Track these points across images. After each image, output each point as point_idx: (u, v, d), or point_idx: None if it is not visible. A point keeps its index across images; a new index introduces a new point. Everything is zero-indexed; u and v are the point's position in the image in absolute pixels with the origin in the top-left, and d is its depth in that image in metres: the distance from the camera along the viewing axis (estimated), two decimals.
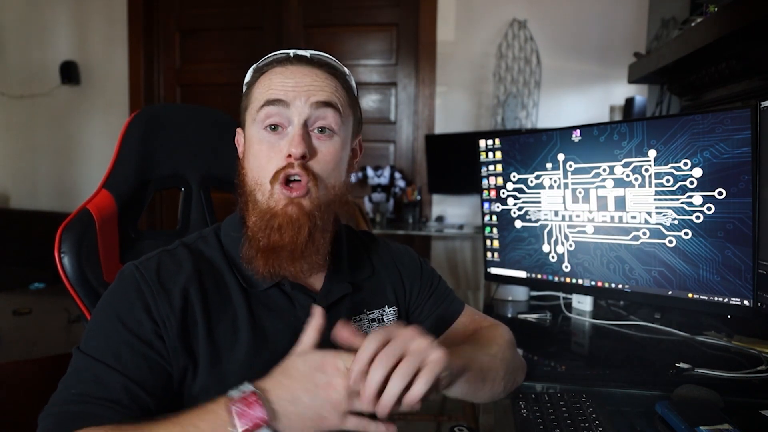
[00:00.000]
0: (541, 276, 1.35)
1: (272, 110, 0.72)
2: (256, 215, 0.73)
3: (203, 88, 3.43)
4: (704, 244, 1.06)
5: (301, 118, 0.72)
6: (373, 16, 3.22)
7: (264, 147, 0.73)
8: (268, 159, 0.72)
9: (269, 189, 0.72)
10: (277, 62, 0.76)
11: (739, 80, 1.46)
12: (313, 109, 0.72)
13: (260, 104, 0.73)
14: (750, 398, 0.89)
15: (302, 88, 0.72)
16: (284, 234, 0.70)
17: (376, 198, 3.00)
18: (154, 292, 0.68)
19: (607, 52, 2.86)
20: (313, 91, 0.73)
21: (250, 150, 0.75)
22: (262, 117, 0.73)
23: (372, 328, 0.82)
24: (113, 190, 0.95)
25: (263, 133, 0.73)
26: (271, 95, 0.72)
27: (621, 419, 0.83)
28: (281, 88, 0.72)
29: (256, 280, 0.74)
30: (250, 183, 0.75)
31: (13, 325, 1.86)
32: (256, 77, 0.77)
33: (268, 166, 0.72)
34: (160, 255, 0.73)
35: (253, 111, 0.74)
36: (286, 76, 0.73)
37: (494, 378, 0.77)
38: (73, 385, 0.63)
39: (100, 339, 0.66)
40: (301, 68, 0.74)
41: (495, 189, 1.42)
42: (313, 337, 0.62)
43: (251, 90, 0.77)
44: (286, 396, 0.58)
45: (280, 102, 0.72)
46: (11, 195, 3.64)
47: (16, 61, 3.52)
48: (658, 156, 1.11)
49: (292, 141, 0.71)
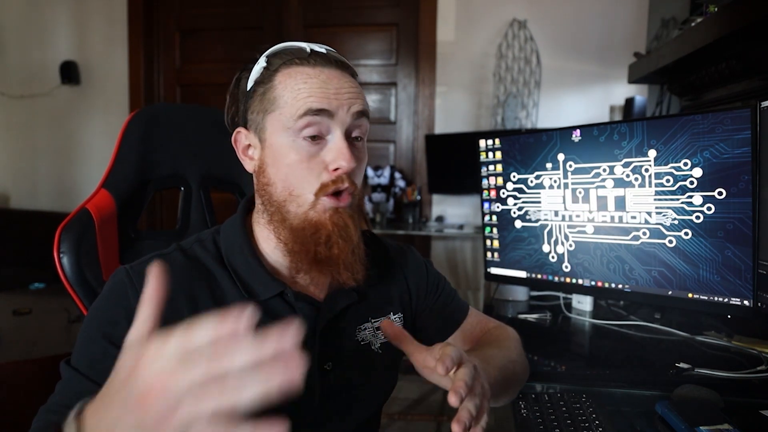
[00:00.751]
0: (541, 276, 1.35)
1: (314, 120, 0.67)
2: (288, 228, 0.70)
3: (203, 88, 3.43)
4: (704, 244, 1.06)
5: (344, 127, 0.69)
6: (373, 16, 3.22)
7: (303, 158, 0.68)
8: (309, 170, 0.68)
9: (311, 200, 0.69)
10: (300, 59, 0.70)
11: (739, 80, 1.46)
12: (353, 119, 0.69)
13: (300, 112, 0.67)
14: (750, 398, 0.90)
15: (343, 96, 0.69)
16: (333, 246, 0.69)
17: (376, 198, 3.00)
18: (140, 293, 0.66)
19: (607, 52, 2.86)
20: (353, 100, 0.69)
21: (281, 159, 0.69)
22: (301, 125, 0.67)
23: (377, 336, 0.81)
24: (113, 189, 0.94)
25: (302, 142, 0.68)
26: (314, 104, 0.67)
27: (621, 419, 0.83)
28: (323, 95, 0.67)
29: (257, 290, 0.72)
30: (279, 193, 0.70)
31: (13, 325, 1.86)
32: (271, 75, 0.71)
33: (309, 178, 0.68)
34: (152, 259, 0.71)
35: (287, 117, 0.68)
36: (324, 81, 0.68)
37: (515, 384, 0.78)
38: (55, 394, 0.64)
39: (80, 348, 0.66)
40: (333, 72, 0.70)
41: (495, 189, 1.42)
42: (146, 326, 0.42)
43: (274, 91, 0.70)
44: (102, 424, 0.41)
45: (324, 112, 0.67)
46: (11, 195, 3.64)
47: (16, 61, 3.52)
48: (658, 156, 1.11)
49: (341, 153, 0.67)
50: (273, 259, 0.75)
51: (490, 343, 0.83)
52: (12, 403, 1.46)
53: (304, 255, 0.70)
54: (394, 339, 0.63)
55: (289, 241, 0.70)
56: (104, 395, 0.42)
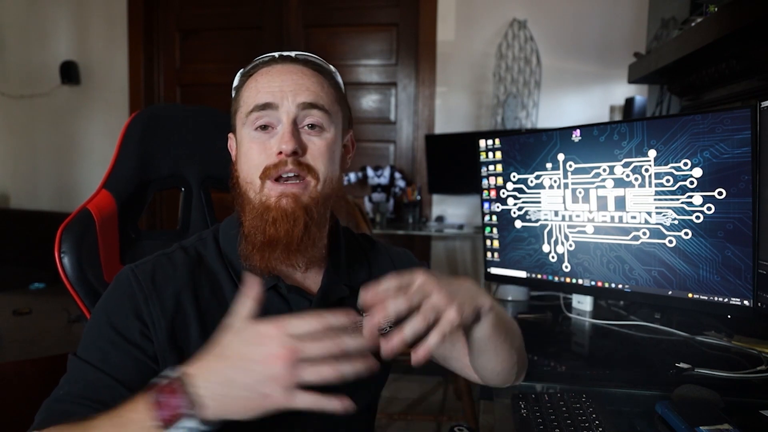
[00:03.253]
0: (541, 276, 1.35)
1: (262, 113, 0.73)
2: (249, 213, 0.74)
3: (203, 88, 3.43)
4: (704, 244, 1.06)
5: (289, 117, 0.73)
6: (373, 16, 3.22)
7: (254, 146, 0.74)
8: (258, 156, 0.73)
9: (259, 184, 0.73)
10: (263, 64, 0.77)
11: (739, 80, 1.46)
12: (300, 109, 0.73)
13: (249, 109, 0.74)
14: (750, 398, 0.90)
15: (288, 88, 0.73)
16: (279, 227, 0.71)
17: (376, 198, 3.00)
18: (146, 294, 0.69)
19: (607, 52, 2.85)
20: (299, 91, 0.74)
21: (241, 150, 0.76)
22: (252, 120, 0.74)
23: None
24: (113, 190, 0.95)
25: (253, 133, 0.74)
26: (259, 99, 0.73)
27: (621, 419, 0.83)
28: (268, 90, 0.73)
29: None
30: (242, 183, 0.76)
31: (13, 325, 1.86)
32: (244, 81, 0.78)
33: (258, 163, 0.73)
34: (156, 258, 0.74)
35: (243, 115, 0.75)
36: (272, 76, 0.75)
37: (512, 338, 0.77)
38: (63, 386, 0.65)
39: (89, 341, 0.68)
40: (286, 67, 0.76)
41: (495, 189, 1.42)
42: (249, 308, 0.55)
43: (240, 94, 0.78)
44: (217, 379, 0.52)
45: (268, 105, 0.73)
46: (11, 195, 3.64)
47: (16, 61, 3.52)
48: (658, 156, 1.11)
49: (282, 138, 0.72)
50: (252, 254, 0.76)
51: None
52: (12, 403, 1.46)
53: (252, 237, 0.73)
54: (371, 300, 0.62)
55: (249, 225, 0.74)
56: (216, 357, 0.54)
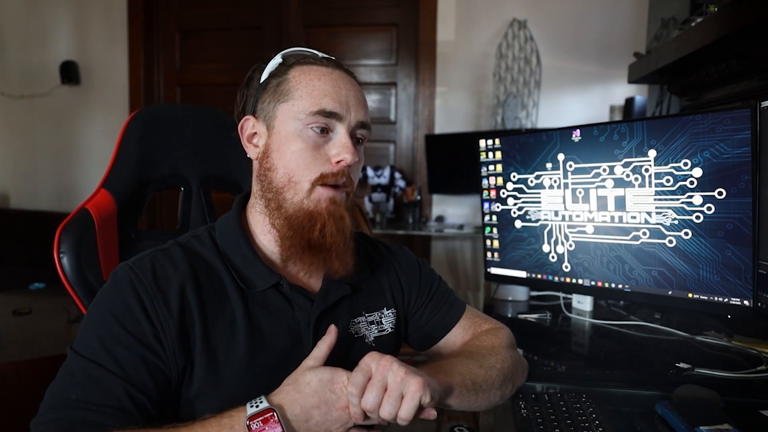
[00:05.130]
0: (541, 276, 1.35)
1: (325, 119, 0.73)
2: (282, 215, 0.73)
3: (203, 88, 3.43)
4: (704, 244, 1.06)
5: (349, 128, 0.74)
6: (373, 16, 3.22)
7: (309, 146, 0.72)
8: (313, 159, 0.72)
9: (308, 188, 0.72)
10: (315, 61, 0.76)
11: (739, 80, 1.46)
12: (357, 126, 0.75)
13: (314, 109, 0.72)
14: (750, 398, 0.89)
15: (352, 102, 0.75)
16: (327, 234, 0.72)
17: (376, 198, 3.00)
18: (151, 294, 0.66)
19: (607, 52, 2.85)
20: (360, 108, 0.76)
21: (288, 146, 0.73)
22: (313, 120, 0.72)
23: (370, 330, 0.82)
24: (113, 189, 0.95)
25: (309, 132, 0.73)
26: (326, 105, 0.72)
27: (621, 419, 0.83)
28: (335, 98, 0.73)
29: (253, 281, 0.73)
30: (279, 179, 0.73)
31: (13, 325, 1.85)
32: (285, 70, 0.76)
33: (312, 167, 0.72)
34: (153, 255, 0.72)
35: (299, 110, 0.73)
36: (336, 82, 0.74)
37: (489, 389, 0.77)
38: (71, 390, 0.61)
39: (96, 341, 0.64)
40: (344, 76, 0.76)
41: (495, 189, 1.42)
42: (325, 352, 0.66)
43: (288, 83, 0.74)
44: (300, 413, 0.61)
45: (335, 115, 0.73)
46: (11, 195, 3.64)
47: (16, 61, 3.52)
48: (658, 156, 1.11)
49: (345, 147, 0.73)
50: (269, 250, 0.77)
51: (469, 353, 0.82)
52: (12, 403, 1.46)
53: (297, 241, 0.72)
54: None
55: (283, 228, 0.73)
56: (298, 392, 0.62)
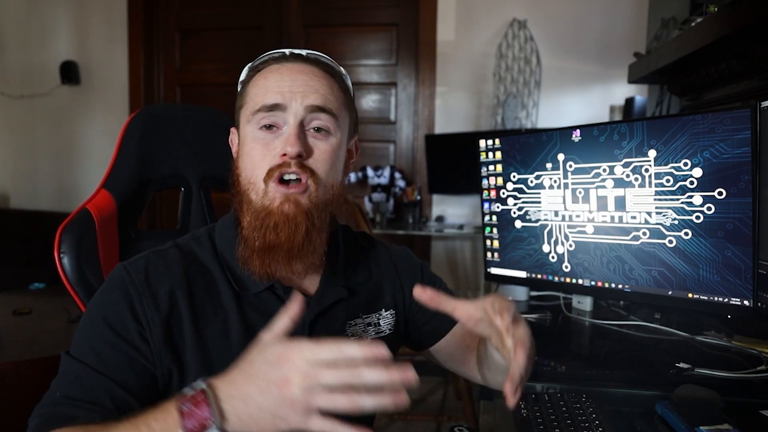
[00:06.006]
0: (541, 276, 1.35)
1: (269, 114, 0.72)
2: (250, 215, 0.72)
3: (203, 88, 3.43)
4: (704, 244, 1.06)
5: (296, 118, 0.71)
6: (373, 16, 3.22)
7: (258, 145, 0.72)
8: (262, 157, 0.72)
9: (263, 188, 0.71)
10: (273, 60, 0.75)
11: (739, 80, 1.46)
12: (308, 111, 0.72)
13: (256, 107, 0.72)
14: (750, 398, 0.89)
15: (298, 89, 0.72)
16: (280, 233, 0.70)
17: (376, 198, 3.00)
18: (140, 292, 0.67)
19: (607, 52, 2.85)
20: (309, 93, 0.72)
21: (243, 149, 0.75)
22: (258, 119, 0.72)
23: (367, 332, 0.81)
24: (113, 190, 0.95)
25: (258, 132, 0.73)
26: (267, 99, 0.72)
27: (621, 419, 0.83)
28: (277, 90, 0.72)
29: (248, 283, 0.73)
30: (243, 182, 0.74)
31: (13, 325, 1.86)
32: (251, 76, 0.76)
33: (261, 164, 0.71)
34: (149, 255, 0.72)
35: (248, 112, 0.74)
36: (282, 74, 0.73)
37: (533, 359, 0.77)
38: (59, 388, 0.64)
39: (84, 340, 0.66)
40: (297, 66, 0.74)
41: (495, 189, 1.42)
42: (285, 324, 0.57)
43: (246, 89, 0.76)
44: (237, 394, 0.54)
45: (276, 107, 0.71)
46: (11, 195, 3.63)
47: (16, 61, 3.52)
48: (658, 156, 1.11)
49: (287, 140, 0.70)
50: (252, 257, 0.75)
51: None
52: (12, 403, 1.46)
53: (252, 241, 0.71)
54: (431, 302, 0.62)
55: (246, 228, 0.72)
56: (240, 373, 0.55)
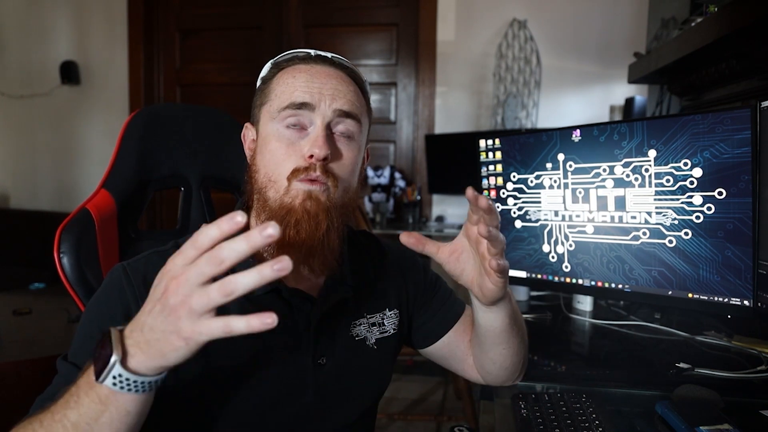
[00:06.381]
0: (541, 276, 1.35)
1: (296, 112, 0.71)
2: (267, 213, 0.72)
3: (203, 88, 3.43)
4: (704, 244, 1.06)
5: (324, 120, 0.71)
6: (373, 16, 3.22)
7: (283, 144, 0.71)
8: (287, 156, 0.71)
9: (285, 185, 0.70)
10: (299, 60, 0.75)
11: (739, 80, 1.46)
12: (336, 115, 0.72)
13: (284, 104, 0.71)
14: (750, 398, 0.89)
15: (327, 91, 0.72)
16: (301, 230, 0.69)
17: (376, 198, 3.00)
18: (137, 292, 0.67)
19: (607, 52, 2.86)
20: (338, 96, 0.72)
21: (266, 146, 0.73)
22: (285, 116, 0.71)
23: (372, 331, 0.82)
24: (113, 189, 0.95)
25: (284, 130, 0.72)
26: (296, 97, 0.71)
27: (621, 419, 0.83)
28: (307, 90, 0.71)
29: None
30: (261, 180, 0.73)
31: (13, 325, 1.86)
32: (274, 73, 0.76)
33: (285, 164, 0.71)
34: (150, 256, 0.72)
35: (273, 109, 0.73)
36: (311, 75, 0.72)
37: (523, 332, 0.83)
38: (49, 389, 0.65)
39: (78, 342, 0.67)
40: (325, 69, 0.74)
41: (495, 189, 1.42)
42: None
43: (270, 85, 0.75)
44: (135, 326, 0.51)
45: (305, 105, 0.71)
46: (11, 195, 3.64)
47: (16, 61, 3.52)
48: (658, 156, 1.11)
49: (315, 141, 0.69)
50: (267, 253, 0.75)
51: None
52: (12, 403, 1.46)
53: None
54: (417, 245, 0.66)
55: None
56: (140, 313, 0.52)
